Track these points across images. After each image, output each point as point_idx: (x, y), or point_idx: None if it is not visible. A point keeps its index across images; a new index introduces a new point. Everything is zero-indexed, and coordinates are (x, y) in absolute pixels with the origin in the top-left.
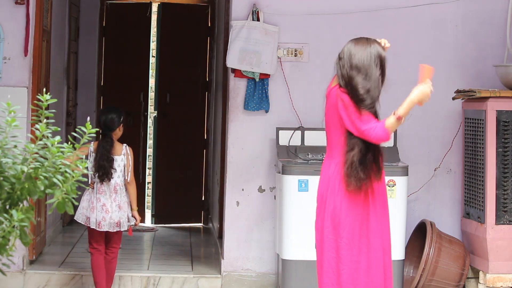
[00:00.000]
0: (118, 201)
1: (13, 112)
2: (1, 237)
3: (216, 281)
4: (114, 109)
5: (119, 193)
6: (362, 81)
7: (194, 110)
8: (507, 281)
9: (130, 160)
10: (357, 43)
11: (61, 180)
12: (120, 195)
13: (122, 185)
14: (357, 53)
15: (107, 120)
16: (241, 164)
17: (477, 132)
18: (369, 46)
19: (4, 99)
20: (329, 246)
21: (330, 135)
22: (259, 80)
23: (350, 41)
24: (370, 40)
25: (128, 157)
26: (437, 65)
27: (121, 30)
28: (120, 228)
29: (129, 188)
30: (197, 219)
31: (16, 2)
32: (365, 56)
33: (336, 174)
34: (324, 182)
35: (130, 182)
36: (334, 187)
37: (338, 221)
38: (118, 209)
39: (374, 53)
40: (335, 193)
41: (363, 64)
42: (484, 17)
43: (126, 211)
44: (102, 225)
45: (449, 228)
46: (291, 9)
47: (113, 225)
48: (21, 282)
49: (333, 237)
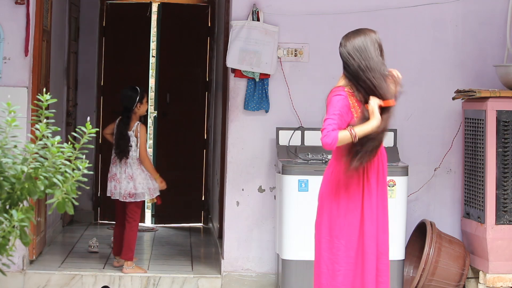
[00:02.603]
0: (128, 173)
1: (13, 112)
2: (1, 237)
3: (216, 281)
4: (132, 88)
5: (129, 165)
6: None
7: (194, 110)
8: (507, 281)
9: (138, 138)
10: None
11: (61, 180)
12: (131, 167)
13: (135, 159)
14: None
15: (124, 98)
16: (241, 164)
17: (477, 132)
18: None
19: (4, 99)
20: (326, 246)
21: None
22: (259, 80)
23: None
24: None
25: (137, 134)
26: (437, 65)
27: (121, 30)
28: (135, 199)
29: (143, 164)
30: (197, 219)
31: (16, 2)
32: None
33: (334, 176)
34: (324, 182)
35: (142, 159)
36: (332, 188)
37: (335, 222)
38: (129, 180)
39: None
40: (333, 195)
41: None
42: (484, 17)
43: (142, 183)
44: (113, 194)
45: (449, 228)
46: (291, 9)
47: (124, 195)
48: (21, 282)
49: (329, 238)
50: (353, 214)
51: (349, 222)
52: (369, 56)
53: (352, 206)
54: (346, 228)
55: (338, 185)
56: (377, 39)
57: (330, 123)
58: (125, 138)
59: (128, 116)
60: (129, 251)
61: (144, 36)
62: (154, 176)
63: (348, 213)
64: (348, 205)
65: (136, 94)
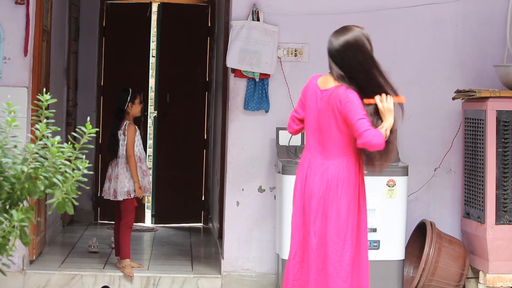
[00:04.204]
0: (116, 172)
1: (13, 112)
2: (1, 237)
3: (216, 281)
4: (124, 89)
5: (118, 165)
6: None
7: (194, 110)
8: (507, 281)
9: (126, 136)
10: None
11: (61, 180)
12: (119, 167)
13: (124, 158)
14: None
15: (116, 99)
16: (241, 164)
17: (477, 132)
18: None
19: (4, 99)
20: (333, 249)
21: (326, 136)
22: (259, 80)
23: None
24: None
25: (125, 132)
26: (437, 65)
27: (121, 30)
28: (117, 198)
29: (128, 162)
30: (197, 219)
31: (16, 2)
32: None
33: (338, 176)
34: (321, 185)
35: (128, 157)
36: (337, 190)
37: (344, 224)
38: (116, 180)
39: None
40: (338, 196)
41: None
42: (484, 17)
43: (124, 182)
44: (106, 193)
45: (449, 228)
46: (291, 9)
47: (112, 195)
48: (21, 282)
49: (338, 240)
50: (353, 215)
51: (354, 223)
52: (368, 50)
53: (354, 207)
54: (351, 229)
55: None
56: (366, 35)
57: (368, 124)
58: (114, 137)
59: (120, 117)
60: (124, 250)
61: (144, 36)
62: (134, 178)
63: (351, 214)
64: (351, 206)
65: (127, 95)
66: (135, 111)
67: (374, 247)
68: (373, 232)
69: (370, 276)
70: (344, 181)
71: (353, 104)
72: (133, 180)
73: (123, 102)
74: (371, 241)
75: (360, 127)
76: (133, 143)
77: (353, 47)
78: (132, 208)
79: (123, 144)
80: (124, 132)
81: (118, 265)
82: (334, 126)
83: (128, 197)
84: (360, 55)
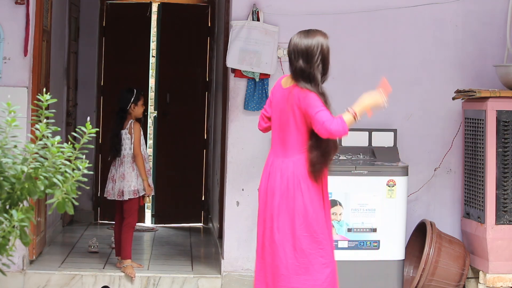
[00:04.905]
0: (121, 171)
1: (13, 112)
2: (1, 237)
3: (216, 281)
4: (128, 89)
5: (124, 164)
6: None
7: (194, 110)
8: (507, 281)
9: (132, 135)
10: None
11: (61, 180)
12: (125, 166)
13: (129, 157)
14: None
15: (120, 99)
16: (241, 164)
17: (477, 132)
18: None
19: (4, 99)
20: (306, 242)
21: (286, 134)
22: (259, 80)
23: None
24: (311, 31)
25: (131, 131)
26: (437, 65)
27: (121, 30)
28: (124, 197)
29: (136, 161)
30: (197, 219)
31: (16, 2)
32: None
33: (298, 172)
34: (283, 181)
35: (135, 155)
36: (300, 185)
37: (311, 218)
38: (122, 179)
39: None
40: (303, 192)
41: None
42: (484, 17)
43: (130, 182)
44: (110, 194)
45: (449, 228)
46: (291, 9)
47: (117, 194)
48: (21, 282)
49: (307, 234)
50: (320, 209)
51: (321, 216)
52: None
53: (318, 201)
54: (320, 222)
55: (304, 182)
56: (327, 44)
57: (326, 113)
58: (117, 137)
59: (122, 116)
60: (125, 250)
61: (144, 36)
62: (143, 177)
63: (318, 209)
64: (316, 200)
65: (131, 95)
66: (137, 112)
67: (374, 247)
68: (373, 232)
69: (370, 276)
70: (305, 177)
71: (311, 99)
72: (141, 179)
73: (126, 102)
74: (371, 241)
75: (319, 118)
76: (139, 141)
77: (320, 48)
78: (136, 208)
79: (128, 144)
80: (130, 131)
81: (118, 265)
82: (292, 123)
83: (135, 196)
84: (326, 55)
